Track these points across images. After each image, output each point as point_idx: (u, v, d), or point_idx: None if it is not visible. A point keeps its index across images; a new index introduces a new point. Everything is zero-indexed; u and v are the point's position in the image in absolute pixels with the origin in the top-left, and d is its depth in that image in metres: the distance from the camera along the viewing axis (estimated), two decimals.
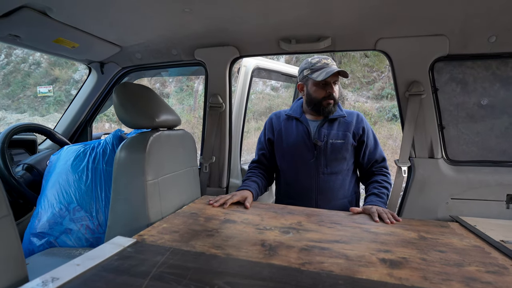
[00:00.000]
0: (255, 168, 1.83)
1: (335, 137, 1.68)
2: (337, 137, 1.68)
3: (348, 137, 1.68)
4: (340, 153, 1.67)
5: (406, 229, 1.23)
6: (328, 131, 1.69)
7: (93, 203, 1.40)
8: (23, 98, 13.53)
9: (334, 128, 1.70)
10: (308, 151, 1.69)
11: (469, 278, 0.84)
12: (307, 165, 1.70)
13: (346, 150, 1.68)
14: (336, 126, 1.71)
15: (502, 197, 1.52)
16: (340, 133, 1.69)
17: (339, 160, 1.68)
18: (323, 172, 1.68)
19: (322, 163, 1.68)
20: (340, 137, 1.68)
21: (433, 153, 1.61)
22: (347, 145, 1.68)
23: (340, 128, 1.70)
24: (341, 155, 1.68)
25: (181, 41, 1.79)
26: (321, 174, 1.68)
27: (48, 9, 1.29)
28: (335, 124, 1.71)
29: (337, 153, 1.67)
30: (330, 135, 1.68)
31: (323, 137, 1.68)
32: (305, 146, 1.70)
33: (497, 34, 1.41)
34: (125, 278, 0.77)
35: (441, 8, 1.31)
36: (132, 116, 1.29)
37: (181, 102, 12.79)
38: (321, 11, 1.37)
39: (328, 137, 1.68)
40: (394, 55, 1.59)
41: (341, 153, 1.67)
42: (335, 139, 1.68)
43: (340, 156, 1.68)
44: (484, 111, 1.56)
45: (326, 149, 1.67)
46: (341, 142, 1.67)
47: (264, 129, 1.88)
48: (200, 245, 1.00)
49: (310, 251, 0.98)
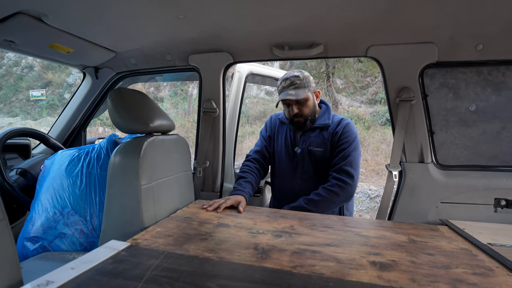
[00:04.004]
0: (253, 160, 1.86)
1: (314, 145, 1.74)
2: (316, 145, 1.74)
3: (327, 145, 1.73)
4: (318, 161, 1.74)
5: (397, 233, 1.25)
6: (308, 139, 1.76)
7: (87, 207, 1.40)
8: (15, 102, 13.41)
9: (315, 136, 1.75)
10: (289, 156, 1.80)
11: (456, 280, 0.86)
12: (290, 170, 1.79)
13: (325, 158, 1.73)
14: (317, 134, 1.76)
15: (490, 201, 1.56)
16: (319, 141, 1.74)
17: (317, 167, 1.74)
18: (300, 178, 1.76)
19: (302, 169, 1.76)
20: (320, 145, 1.74)
21: (423, 158, 1.64)
22: (325, 154, 1.73)
23: (320, 136, 1.75)
24: (320, 162, 1.74)
25: (176, 47, 1.81)
26: (299, 180, 1.76)
27: (44, 15, 1.31)
28: (317, 132, 1.76)
29: (315, 160, 1.74)
30: (311, 142, 1.75)
31: (302, 144, 1.76)
32: (287, 151, 1.81)
33: (484, 42, 1.45)
34: (119, 281, 0.78)
35: (430, 17, 1.34)
36: (126, 121, 1.30)
37: (175, 106, 12.77)
38: (313, 19, 1.40)
39: (307, 145, 1.75)
40: (384, 61, 1.62)
41: (320, 161, 1.73)
42: (314, 147, 1.74)
43: (319, 164, 1.74)
44: (473, 117, 1.59)
45: (303, 156, 1.75)
46: (320, 150, 1.73)
47: (266, 126, 1.99)
48: (194, 248, 1.01)
49: (302, 254, 1.00)
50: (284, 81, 1.69)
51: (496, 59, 1.50)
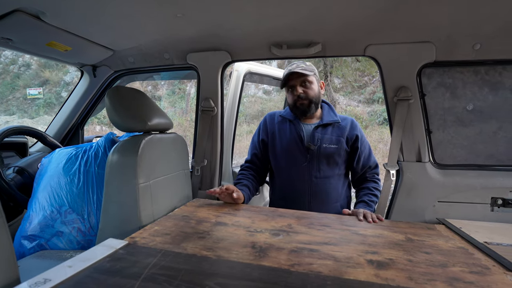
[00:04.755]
0: (246, 169, 1.84)
1: (328, 141, 1.69)
2: (330, 142, 1.70)
3: (341, 142, 1.70)
4: (332, 158, 1.69)
5: (394, 231, 1.25)
6: (321, 136, 1.70)
7: (84, 205, 1.40)
8: (12, 100, 13.36)
9: (328, 133, 1.72)
10: (301, 154, 1.71)
11: (452, 278, 0.87)
12: (300, 169, 1.70)
13: (339, 155, 1.70)
14: (330, 131, 1.72)
15: (487, 200, 1.56)
16: (333, 138, 1.71)
17: (331, 164, 1.70)
18: (315, 176, 1.69)
19: (315, 167, 1.69)
20: (333, 142, 1.70)
21: (420, 157, 1.65)
22: (340, 151, 1.70)
23: (334, 133, 1.72)
24: (334, 160, 1.70)
25: (174, 45, 1.81)
26: (313, 178, 1.69)
27: (41, 13, 1.30)
28: (329, 129, 1.73)
29: (329, 158, 1.69)
30: (323, 139, 1.70)
31: (316, 141, 1.69)
32: (298, 149, 1.71)
33: (481, 42, 1.45)
34: (117, 279, 0.78)
35: (427, 16, 1.34)
36: (124, 119, 1.30)
37: (173, 105, 12.76)
38: (311, 18, 1.40)
39: (322, 142, 1.69)
40: (382, 61, 1.62)
41: (334, 158, 1.69)
42: (329, 144, 1.69)
43: (333, 161, 1.70)
44: (471, 116, 1.60)
45: (319, 153, 1.69)
46: (334, 147, 1.69)
47: (259, 129, 1.90)
48: (192, 247, 1.01)
49: (299, 253, 1.00)
50: (291, 65, 1.73)
51: (494, 58, 1.51)
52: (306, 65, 1.70)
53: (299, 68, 1.67)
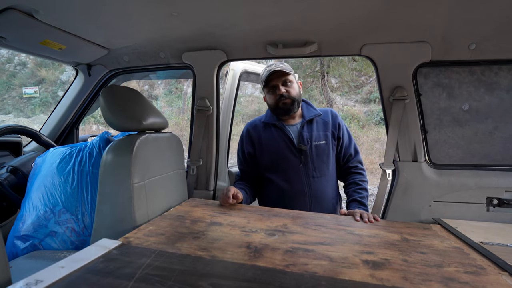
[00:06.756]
0: (240, 181, 1.82)
1: (317, 138, 1.70)
2: (319, 139, 1.70)
3: (328, 137, 1.71)
4: (324, 154, 1.69)
5: (390, 231, 1.25)
6: (309, 134, 1.70)
7: (78, 205, 1.39)
8: (8, 99, 13.27)
9: (315, 130, 1.71)
10: (294, 156, 1.68)
11: (448, 278, 0.87)
12: (296, 171, 1.68)
13: (329, 150, 1.71)
14: (316, 127, 1.72)
15: (482, 200, 1.57)
16: (321, 134, 1.71)
17: (324, 161, 1.70)
18: (313, 176, 1.67)
19: (311, 167, 1.67)
20: (322, 138, 1.70)
21: (416, 156, 1.65)
22: (329, 145, 1.71)
23: (320, 130, 1.72)
24: (326, 155, 1.70)
25: (169, 44, 1.80)
26: (311, 178, 1.67)
27: (35, 11, 1.29)
28: (314, 125, 1.73)
29: (322, 154, 1.69)
30: (312, 137, 1.69)
31: (306, 141, 1.68)
32: (290, 152, 1.69)
33: (477, 42, 1.46)
34: (110, 280, 0.78)
35: (423, 16, 1.34)
36: (119, 118, 1.29)
37: (170, 105, 12.73)
38: (307, 18, 1.39)
39: (312, 140, 1.69)
40: (378, 60, 1.62)
41: (326, 154, 1.70)
42: (318, 141, 1.69)
43: (326, 157, 1.70)
44: (466, 116, 1.60)
45: (311, 152, 1.68)
46: (323, 143, 1.70)
47: (241, 142, 1.86)
48: (186, 247, 1.01)
49: (294, 253, 1.00)
50: (269, 65, 1.72)
51: (489, 58, 1.51)
52: (285, 65, 1.70)
53: (279, 67, 1.67)
